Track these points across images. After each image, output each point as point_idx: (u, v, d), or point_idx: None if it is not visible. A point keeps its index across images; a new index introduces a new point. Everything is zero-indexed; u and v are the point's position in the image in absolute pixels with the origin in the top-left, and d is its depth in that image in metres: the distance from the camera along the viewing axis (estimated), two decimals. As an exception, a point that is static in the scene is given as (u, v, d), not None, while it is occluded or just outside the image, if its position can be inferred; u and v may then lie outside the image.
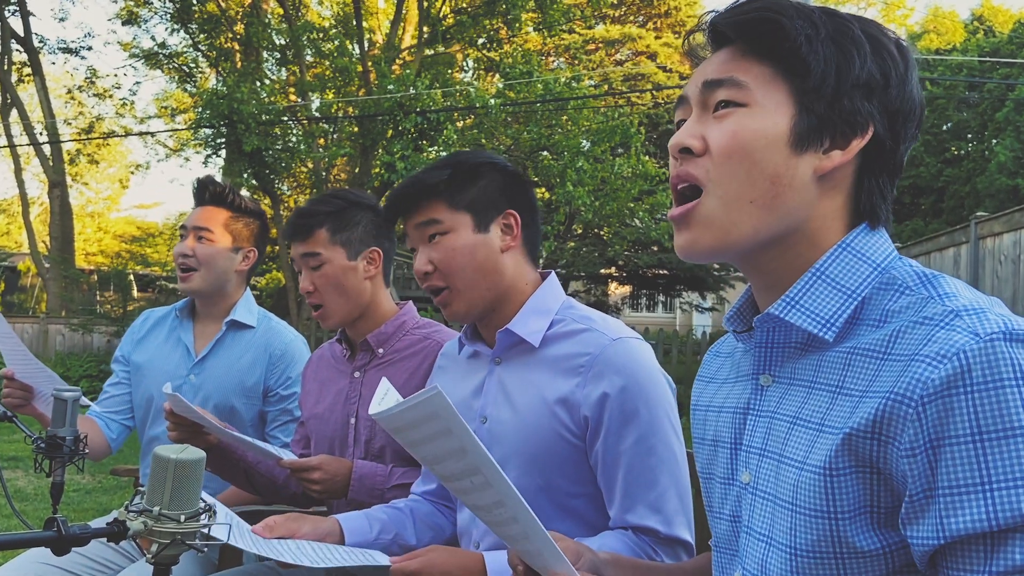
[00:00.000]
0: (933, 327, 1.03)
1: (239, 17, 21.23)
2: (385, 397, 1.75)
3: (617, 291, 32.83)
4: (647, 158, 19.57)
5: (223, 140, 17.95)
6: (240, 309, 3.09)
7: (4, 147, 24.15)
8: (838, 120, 1.15)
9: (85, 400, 2.23)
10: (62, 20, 25.44)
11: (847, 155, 1.16)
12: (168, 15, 21.14)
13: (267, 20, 21.14)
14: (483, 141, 18.14)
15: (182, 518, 1.26)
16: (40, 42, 21.98)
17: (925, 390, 0.99)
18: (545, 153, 18.38)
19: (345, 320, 2.56)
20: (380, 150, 17.38)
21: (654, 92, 26.76)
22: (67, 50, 22.88)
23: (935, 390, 0.98)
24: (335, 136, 20.43)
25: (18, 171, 23.91)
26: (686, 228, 1.20)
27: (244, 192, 3.23)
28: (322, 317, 2.56)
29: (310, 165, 20.20)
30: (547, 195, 18.66)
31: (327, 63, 20.57)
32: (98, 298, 21.88)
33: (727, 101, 1.18)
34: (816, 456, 1.09)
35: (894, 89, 1.17)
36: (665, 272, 25.49)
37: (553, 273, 2.14)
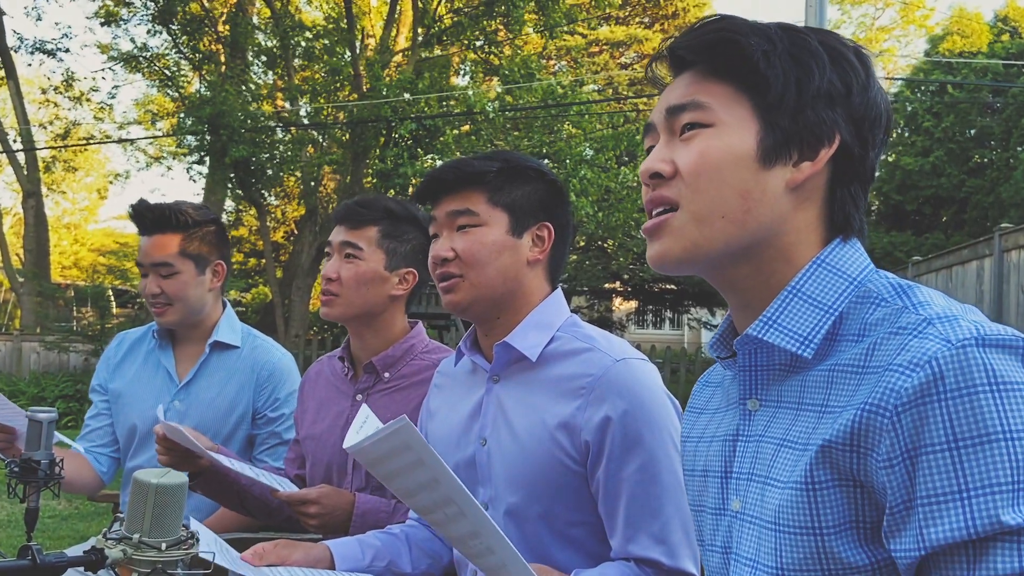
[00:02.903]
0: (906, 336, 1.07)
1: (222, 19, 21.27)
2: (364, 425, 1.77)
3: (622, 307, 32.81)
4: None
5: (206, 148, 17.97)
6: (223, 328, 3.06)
7: (-25, 155, 24.15)
8: (803, 132, 1.21)
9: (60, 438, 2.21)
10: (38, 20, 25.38)
11: (816, 165, 1.21)
12: (149, 16, 21.16)
13: (253, 20, 21.19)
14: (481, 149, 18.15)
15: (163, 546, 1.26)
16: (18, 40, 22.01)
17: (899, 399, 1.02)
18: (546, 161, 18.38)
19: (348, 316, 2.54)
20: (373, 158, 17.40)
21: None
22: (43, 50, 22.87)
23: (909, 399, 1.01)
24: (324, 143, 20.46)
25: (-10, 180, 23.95)
26: (658, 239, 1.26)
27: (188, 201, 3.12)
28: (329, 305, 2.53)
29: (299, 174, 20.21)
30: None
31: (316, 66, 20.61)
32: (75, 314, 21.88)
33: (692, 123, 1.24)
34: (798, 474, 1.12)
35: (857, 96, 1.22)
36: (673, 287, 25.49)
37: (559, 288, 2.15)
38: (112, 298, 21.20)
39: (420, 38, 20.23)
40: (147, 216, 2.94)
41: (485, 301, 2.03)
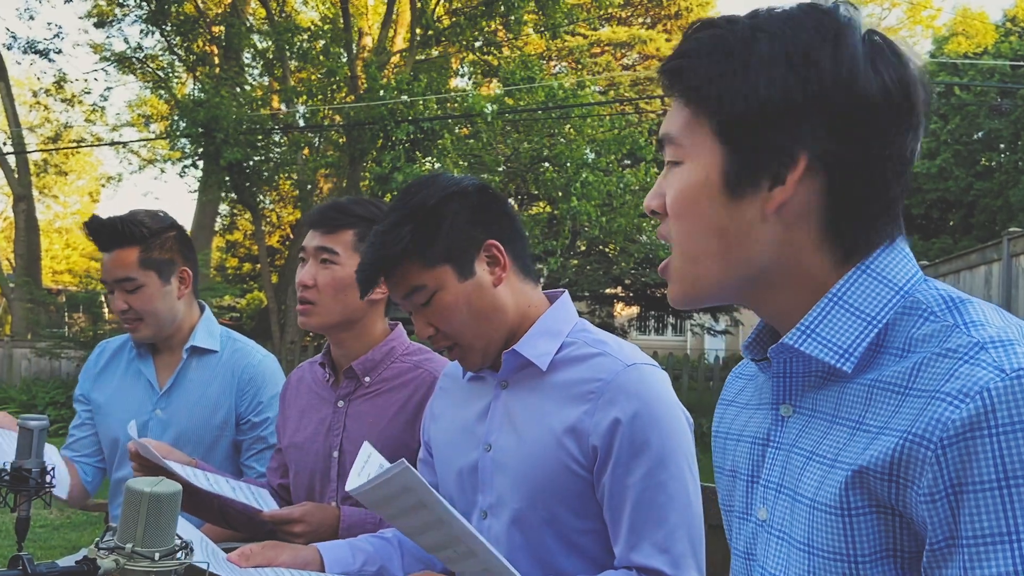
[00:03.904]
0: (956, 361, 1.01)
1: (217, 19, 21.29)
2: (366, 465, 1.78)
3: (624, 312, 32.79)
4: (657, 171, 19.56)
5: (200, 151, 17.98)
6: (200, 333, 3.05)
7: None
8: (763, 155, 1.13)
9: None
10: (31, 19, 25.36)
11: (787, 190, 1.13)
12: (142, 16, 21.17)
13: (248, 21, 21.21)
14: (479, 152, 18.15)
15: (156, 556, 1.26)
16: (11, 38, 21.99)
17: (945, 432, 0.97)
18: (547, 165, 18.38)
19: (327, 326, 2.53)
20: (369, 161, 17.41)
21: (664, 98, 26.82)
22: (35, 51, 22.89)
23: (956, 432, 0.97)
24: (320, 146, 20.47)
25: (-20, 184, 23.95)
26: (669, 280, 1.25)
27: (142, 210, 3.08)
28: (307, 314, 2.52)
29: (295, 177, 20.22)
30: (548, 209, 18.65)
31: (312, 67, 20.62)
32: (66, 320, 21.86)
33: (672, 161, 1.22)
34: (826, 492, 1.09)
35: (831, 97, 1.10)
36: (675, 292, 25.39)
37: (566, 293, 2.13)
38: (104, 304, 21.16)
39: (418, 39, 20.25)
40: (102, 232, 2.92)
41: (494, 346, 2.01)
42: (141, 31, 21.32)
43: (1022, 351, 0.99)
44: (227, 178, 18.27)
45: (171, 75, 23.11)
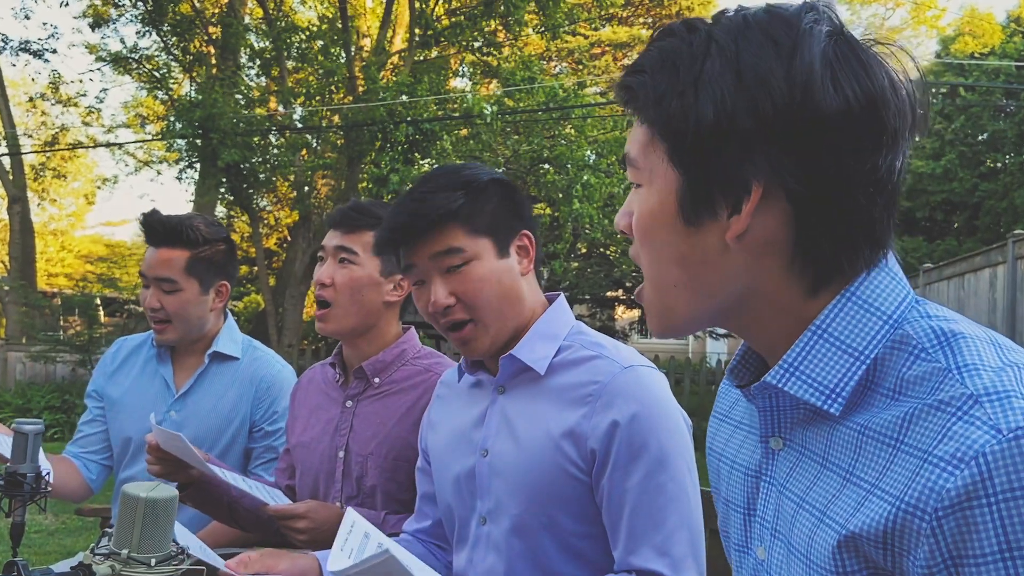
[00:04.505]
0: (950, 417, 0.95)
1: (213, 19, 21.27)
2: (350, 535, 1.81)
3: (625, 315, 32.79)
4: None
5: (197, 152, 17.97)
6: (223, 339, 3.08)
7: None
8: (718, 182, 1.05)
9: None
10: (26, 19, 25.33)
11: (743, 220, 1.05)
12: (138, 16, 21.16)
13: (245, 21, 21.20)
14: (479, 153, 18.16)
15: (153, 562, 1.26)
16: (2, 40, 21.99)
17: (940, 502, 0.92)
18: (547, 166, 18.39)
19: (345, 331, 2.55)
20: (368, 163, 17.40)
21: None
22: (29, 51, 22.87)
23: (952, 502, 0.91)
24: (318, 147, 20.46)
25: (-26, 186, 23.91)
26: (645, 311, 1.20)
27: (199, 217, 3.10)
28: (324, 319, 2.54)
29: (292, 179, 20.21)
30: (549, 211, 18.66)
31: (310, 68, 20.62)
32: (62, 324, 21.84)
33: (633, 183, 1.16)
34: (819, 551, 1.05)
35: (789, 119, 1.02)
36: (677, 295, 25.41)
37: (562, 295, 2.14)
38: (100, 307, 21.16)
39: (417, 39, 20.23)
40: (157, 228, 2.96)
41: (504, 335, 2.02)
42: (137, 32, 21.30)
43: (1019, 404, 0.93)
44: (224, 179, 18.27)
45: (167, 76, 23.09)
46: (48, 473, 1.94)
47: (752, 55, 1.04)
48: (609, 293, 26.07)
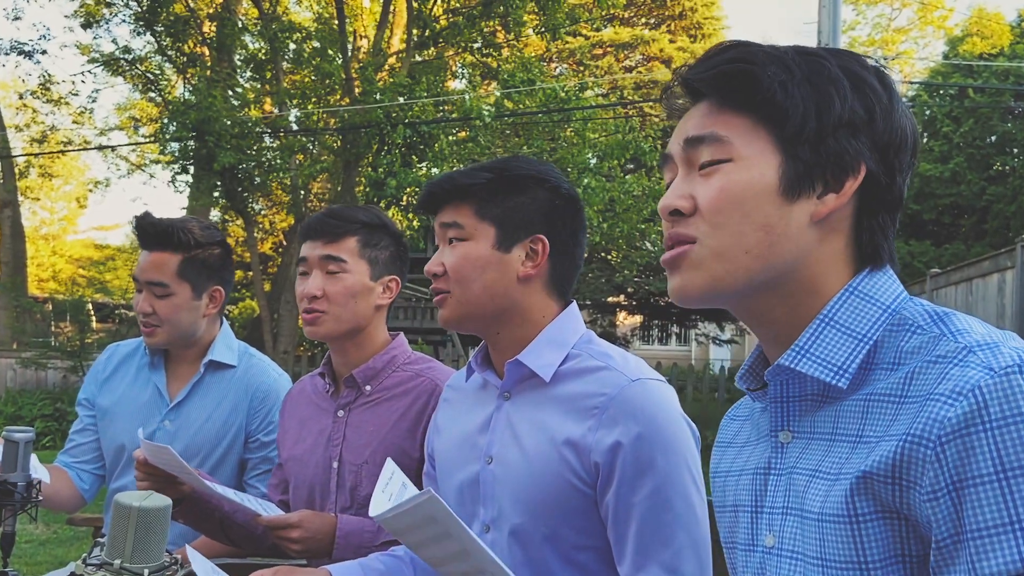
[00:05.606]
0: (947, 364, 1.09)
1: (207, 19, 21.29)
2: (389, 483, 1.80)
3: (627, 321, 32.81)
4: (660, 175, 19.46)
5: (191, 155, 17.98)
6: (219, 347, 3.05)
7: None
8: (827, 163, 1.22)
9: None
10: (16, 19, 25.36)
11: (842, 198, 1.22)
12: (132, 16, 21.16)
13: (240, 22, 21.21)
14: (478, 155, 18.17)
15: (146, 572, 1.26)
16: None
17: (942, 430, 1.04)
18: (547, 169, 18.34)
19: (335, 335, 2.54)
20: (365, 166, 17.41)
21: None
22: (20, 51, 22.87)
23: (953, 429, 1.03)
24: (314, 150, 20.47)
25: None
26: (678, 272, 1.27)
27: (194, 220, 3.09)
28: (315, 323, 2.53)
29: (287, 182, 20.22)
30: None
31: (306, 69, 20.63)
32: (53, 329, 21.83)
33: (712, 160, 1.25)
34: (833, 503, 1.14)
35: (880, 122, 1.23)
36: (680, 300, 25.37)
37: (574, 303, 2.13)
38: (92, 312, 21.14)
39: (415, 40, 20.26)
40: (149, 231, 2.93)
41: (475, 318, 2.03)
42: (131, 30, 21.33)
43: (1007, 351, 1.06)
44: (218, 183, 18.28)
45: (161, 77, 23.10)
46: (41, 482, 1.94)
47: (852, 66, 1.25)
48: (611, 298, 26.08)
